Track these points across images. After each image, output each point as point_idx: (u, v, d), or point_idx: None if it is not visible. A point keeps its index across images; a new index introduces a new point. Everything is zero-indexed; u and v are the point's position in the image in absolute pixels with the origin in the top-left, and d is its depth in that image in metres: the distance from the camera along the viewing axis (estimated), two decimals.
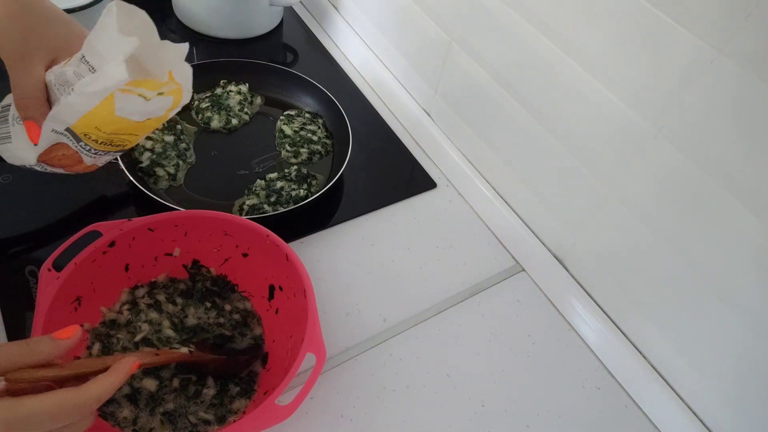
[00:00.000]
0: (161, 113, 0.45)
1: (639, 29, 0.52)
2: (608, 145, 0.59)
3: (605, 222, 0.63)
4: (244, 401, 0.55)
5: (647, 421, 0.62)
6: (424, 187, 0.81)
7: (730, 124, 0.48)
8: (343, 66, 0.98)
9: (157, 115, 0.45)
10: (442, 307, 0.68)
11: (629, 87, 0.55)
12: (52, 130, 0.44)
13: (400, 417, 0.58)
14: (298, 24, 1.06)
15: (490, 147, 0.76)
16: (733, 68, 0.46)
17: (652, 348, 0.62)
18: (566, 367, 0.65)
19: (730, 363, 0.54)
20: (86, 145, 0.45)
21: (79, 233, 0.55)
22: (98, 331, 0.57)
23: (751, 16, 0.44)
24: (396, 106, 0.91)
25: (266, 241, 0.59)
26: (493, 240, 0.76)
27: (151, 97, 0.43)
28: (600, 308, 0.66)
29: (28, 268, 0.62)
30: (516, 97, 0.69)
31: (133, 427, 0.52)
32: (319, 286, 0.66)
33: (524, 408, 0.61)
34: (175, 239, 0.61)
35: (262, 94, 0.87)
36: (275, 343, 0.59)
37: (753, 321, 0.51)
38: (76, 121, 0.43)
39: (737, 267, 0.51)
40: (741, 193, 0.49)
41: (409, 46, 0.86)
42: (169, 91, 0.43)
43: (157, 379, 0.55)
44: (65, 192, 0.70)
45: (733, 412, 0.55)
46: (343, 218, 0.75)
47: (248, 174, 0.77)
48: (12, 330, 0.57)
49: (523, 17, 0.64)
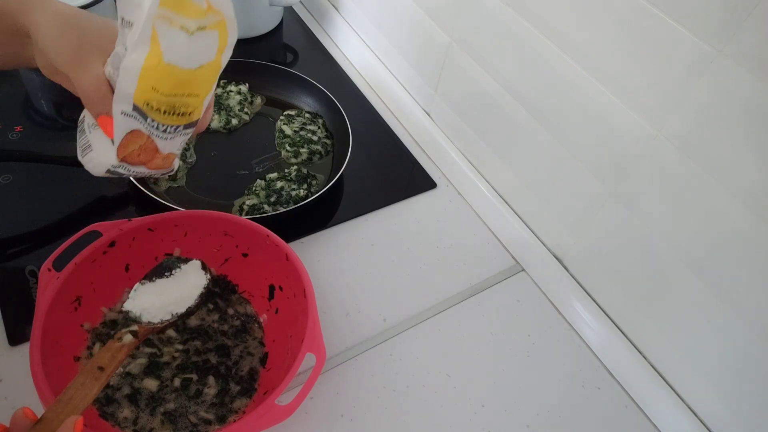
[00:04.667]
0: (212, 56, 0.42)
1: (639, 29, 0.52)
2: (608, 145, 0.59)
3: (605, 222, 0.63)
4: (245, 400, 0.55)
5: (647, 421, 0.62)
6: (424, 187, 0.81)
7: (730, 124, 0.48)
8: (343, 66, 0.98)
9: (208, 60, 0.42)
10: (442, 307, 0.68)
11: (629, 87, 0.55)
12: (121, 112, 0.43)
13: (400, 417, 0.58)
14: (298, 24, 1.06)
15: (490, 147, 0.76)
16: (733, 68, 0.46)
17: (652, 348, 0.62)
18: (566, 367, 0.65)
19: (729, 363, 0.54)
20: (153, 121, 0.43)
21: (79, 233, 0.55)
22: (98, 331, 0.57)
23: (751, 16, 0.44)
24: (396, 106, 0.91)
25: (266, 241, 0.59)
26: (493, 240, 0.76)
27: (193, 31, 0.40)
28: (600, 308, 0.66)
29: (28, 268, 0.62)
30: (516, 97, 0.69)
31: (133, 427, 0.52)
32: (319, 286, 0.66)
33: (524, 408, 0.61)
34: (175, 239, 0.61)
35: (262, 94, 0.87)
36: (275, 343, 0.59)
37: (753, 321, 0.51)
38: (136, 87, 0.41)
39: (737, 267, 0.51)
40: (741, 193, 0.49)
41: (409, 46, 0.86)
42: (211, 24, 0.41)
43: (158, 379, 0.55)
44: (65, 192, 0.70)
45: (732, 412, 0.55)
46: (343, 218, 0.75)
47: (248, 174, 0.77)
48: (12, 330, 0.57)
49: (523, 17, 0.64)
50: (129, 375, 0.55)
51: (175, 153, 0.48)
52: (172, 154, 0.48)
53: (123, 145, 0.45)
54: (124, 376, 0.55)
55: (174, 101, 0.43)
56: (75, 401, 0.42)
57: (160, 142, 0.46)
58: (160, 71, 0.41)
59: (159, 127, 0.44)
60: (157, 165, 0.48)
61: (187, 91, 0.43)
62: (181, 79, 0.42)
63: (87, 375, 0.44)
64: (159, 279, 0.53)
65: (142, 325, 0.50)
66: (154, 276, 0.54)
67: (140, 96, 0.42)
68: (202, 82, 0.43)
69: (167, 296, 0.52)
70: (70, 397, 0.42)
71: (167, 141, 0.46)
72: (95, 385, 0.44)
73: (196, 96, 0.44)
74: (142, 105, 0.42)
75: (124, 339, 0.48)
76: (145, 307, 0.51)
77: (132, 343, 0.48)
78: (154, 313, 0.51)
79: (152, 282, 0.53)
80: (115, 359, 0.47)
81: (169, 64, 0.40)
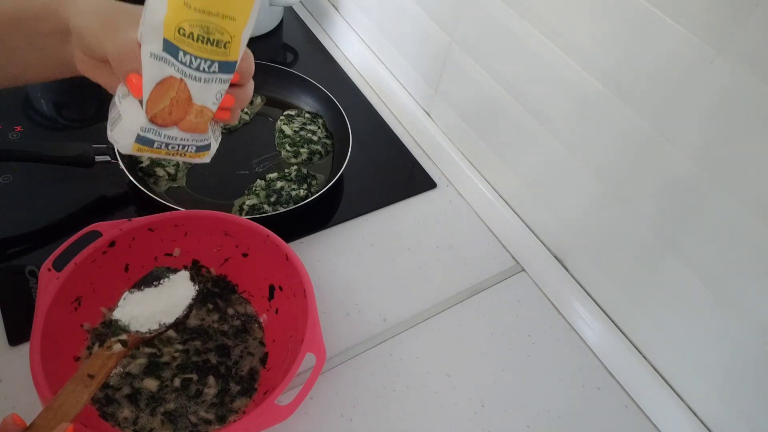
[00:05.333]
0: None
1: (638, 29, 0.52)
2: (608, 145, 0.59)
3: (605, 222, 0.63)
4: (245, 400, 0.55)
5: (647, 421, 0.62)
6: (424, 187, 0.81)
7: (729, 124, 0.48)
8: (343, 66, 0.98)
9: None
10: (442, 307, 0.68)
11: (629, 87, 0.55)
12: (150, 54, 0.41)
13: (400, 417, 0.58)
14: (298, 24, 1.06)
15: (490, 147, 0.76)
16: (733, 68, 0.46)
17: (652, 348, 0.62)
18: (566, 367, 0.65)
19: (730, 363, 0.54)
20: (186, 55, 0.41)
21: (79, 233, 0.55)
22: (98, 331, 0.57)
23: (751, 16, 0.44)
24: (396, 107, 0.91)
25: (266, 241, 0.59)
26: (493, 240, 0.76)
27: None
28: (600, 308, 0.66)
29: (28, 268, 0.62)
30: (516, 97, 0.69)
31: (133, 427, 0.52)
32: (319, 286, 0.66)
33: (524, 408, 0.61)
34: (175, 239, 0.61)
35: (262, 94, 0.87)
36: (275, 343, 0.59)
37: (753, 322, 0.51)
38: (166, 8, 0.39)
39: (737, 267, 0.51)
40: (741, 193, 0.49)
41: (409, 46, 0.86)
42: None
43: (158, 379, 0.55)
44: (65, 192, 0.70)
45: (732, 412, 0.55)
46: (343, 218, 0.75)
47: (248, 174, 0.77)
48: (12, 330, 0.57)
49: (523, 17, 0.64)
50: (129, 375, 0.55)
51: (209, 109, 0.45)
52: (206, 111, 0.45)
53: (153, 99, 0.43)
54: (124, 376, 0.55)
55: (208, 21, 0.41)
56: (65, 408, 0.42)
57: (193, 87, 0.43)
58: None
59: (192, 63, 0.42)
60: (191, 125, 0.45)
61: (223, 9, 0.41)
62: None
63: (77, 383, 0.44)
64: (148, 288, 0.54)
65: (131, 335, 0.50)
66: (142, 285, 0.54)
67: (171, 20, 0.40)
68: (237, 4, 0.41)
69: (156, 306, 0.53)
70: (61, 404, 0.42)
71: (201, 85, 0.43)
72: (85, 392, 0.44)
73: (232, 20, 0.41)
74: (173, 35, 0.41)
75: (114, 348, 0.49)
76: (134, 316, 0.51)
77: (121, 352, 0.49)
78: (143, 322, 0.51)
79: (141, 291, 0.53)
80: (105, 367, 0.47)
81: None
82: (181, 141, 0.46)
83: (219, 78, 0.43)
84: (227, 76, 0.44)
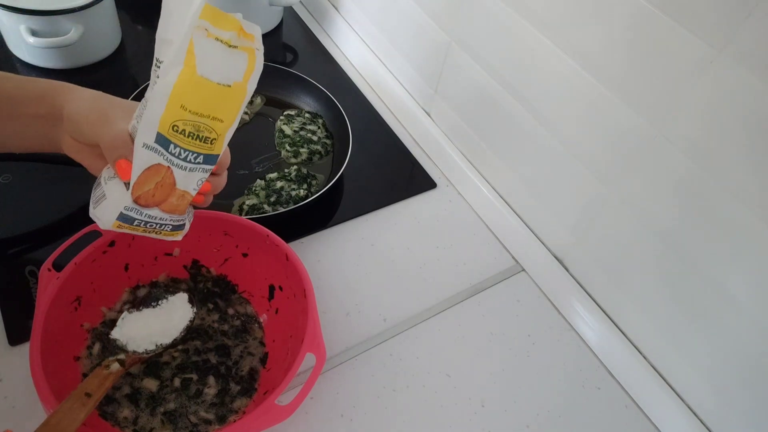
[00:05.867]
0: (240, 77, 0.45)
1: (639, 29, 0.52)
2: (608, 145, 0.59)
3: (605, 222, 0.63)
4: (245, 400, 0.55)
5: (647, 421, 0.62)
6: (424, 187, 0.81)
7: (729, 124, 0.48)
8: (343, 66, 0.98)
9: (236, 79, 0.44)
10: (442, 307, 0.68)
11: (629, 87, 0.55)
12: (143, 145, 0.44)
13: (400, 417, 0.58)
14: (298, 24, 1.06)
15: (490, 147, 0.76)
16: (733, 68, 0.46)
17: (652, 348, 0.62)
18: (566, 367, 0.65)
19: (730, 363, 0.54)
20: (175, 148, 0.45)
21: (79, 233, 0.55)
22: (98, 331, 0.57)
23: (751, 16, 0.44)
24: (396, 107, 0.91)
25: (266, 241, 0.59)
26: (493, 240, 0.76)
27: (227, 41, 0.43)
28: (600, 308, 0.66)
29: (28, 268, 0.62)
30: (516, 97, 0.69)
31: (133, 427, 0.52)
32: (319, 286, 0.66)
33: (524, 408, 0.61)
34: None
35: (262, 94, 0.87)
36: (275, 343, 0.59)
37: (753, 322, 0.51)
38: (164, 109, 0.43)
39: (737, 267, 0.51)
40: (741, 193, 0.49)
41: (409, 46, 0.86)
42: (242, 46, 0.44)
43: (158, 379, 0.55)
44: (65, 192, 0.70)
45: (732, 412, 0.55)
46: (343, 218, 0.75)
47: (248, 174, 0.77)
48: (12, 330, 0.57)
49: (523, 17, 0.64)
50: (129, 375, 0.55)
51: (190, 194, 0.49)
52: (186, 196, 0.49)
53: (139, 182, 0.46)
54: (124, 376, 0.55)
55: (200, 122, 0.45)
56: (62, 426, 0.43)
57: (178, 174, 0.47)
58: (192, 85, 0.43)
59: (180, 155, 0.46)
60: (171, 207, 0.49)
61: (214, 113, 0.45)
62: (211, 94, 0.44)
63: (74, 400, 0.45)
64: (146, 309, 0.56)
65: (128, 354, 0.52)
66: (141, 306, 0.56)
67: (167, 119, 0.44)
68: (228, 103, 0.45)
69: (153, 327, 0.54)
70: (58, 422, 0.43)
71: (186, 173, 0.47)
72: (82, 410, 0.45)
73: (220, 121, 0.46)
74: (167, 130, 0.44)
75: (112, 367, 0.50)
76: (132, 336, 0.53)
77: (119, 371, 0.50)
78: (140, 343, 0.53)
79: (139, 311, 0.55)
80: (102, 386, 0.48)
81: (201, 77, 0.43)
82: (160, 220, 0.50)
83: (202, 168, 0.48)
84: (209, 167, 0.48)
